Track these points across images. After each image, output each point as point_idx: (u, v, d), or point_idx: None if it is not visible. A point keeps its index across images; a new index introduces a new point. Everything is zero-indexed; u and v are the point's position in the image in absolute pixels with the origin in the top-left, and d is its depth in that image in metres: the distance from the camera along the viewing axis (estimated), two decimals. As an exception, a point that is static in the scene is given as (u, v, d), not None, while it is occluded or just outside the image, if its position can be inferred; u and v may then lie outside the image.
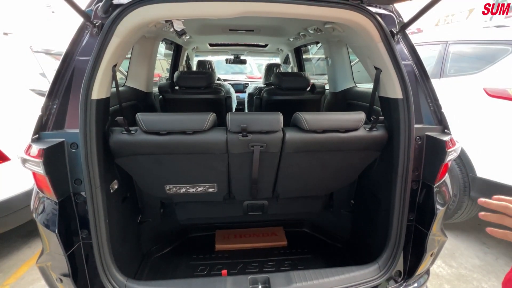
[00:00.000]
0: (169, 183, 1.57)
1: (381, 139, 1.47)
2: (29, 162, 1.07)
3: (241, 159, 1.47)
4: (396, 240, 1.38)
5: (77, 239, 1.19)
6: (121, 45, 1.23)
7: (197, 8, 1.17)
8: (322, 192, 1.92)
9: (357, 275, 1.34)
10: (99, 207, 1.19)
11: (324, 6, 1.22)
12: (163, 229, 1.94)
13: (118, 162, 1.41)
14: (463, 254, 2.51)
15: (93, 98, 1.15)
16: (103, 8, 1.19)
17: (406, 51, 1.42)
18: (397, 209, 1.36)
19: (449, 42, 2.96)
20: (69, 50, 1.21)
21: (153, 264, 1.80)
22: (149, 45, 2.25)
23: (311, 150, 1.47)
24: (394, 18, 1.41)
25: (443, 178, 1.33)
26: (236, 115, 1.38)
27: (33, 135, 1.13)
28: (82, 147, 1.12)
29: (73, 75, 1.20)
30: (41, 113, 1.15)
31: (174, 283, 1.28)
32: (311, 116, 1.39)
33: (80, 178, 1.15)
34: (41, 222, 1.13)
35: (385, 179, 1.48)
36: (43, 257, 1.21)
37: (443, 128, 1.36)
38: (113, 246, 1.28)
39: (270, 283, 1.28)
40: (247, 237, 2.08)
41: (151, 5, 1.14)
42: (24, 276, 2.17)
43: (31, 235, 2.66)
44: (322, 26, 1.95)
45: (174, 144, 1.34)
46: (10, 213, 2.07)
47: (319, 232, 2.15)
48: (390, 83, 1.37)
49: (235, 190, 1.70)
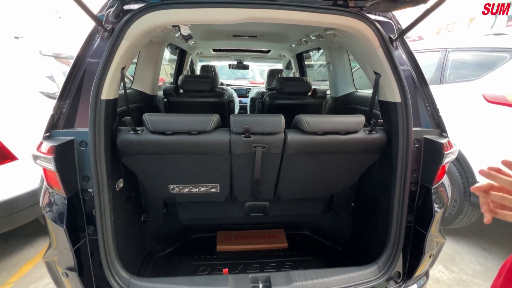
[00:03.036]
0: (173, 182, 1.61)
1: (380, 142, 1.50)
2: (41, 158, 1.12)
3: (243, 159, 1.51)
4: (395, 241, 1.40)
5: (83, 235, 1.23)
6: (130, 49, 1.28)
7: (203, 14, 1.23)
8: (322, 194, 1.94)
9: (357, 275, 1.36)
10: (105, 204, 1.23)
11: (325, 13, 1.28)
12: (165, 229, 1.97)
13: (125, 161, 1.45)
14: (464, 259, 2.51)
15: (102, 98, 1.20)
16: (114, 13, 1.25)
17: (404, 56, 1.46)
18: (396, 210, 1.38)
19: (448, 50, 3.01)
20: (81, 53, 1.27)
21: (155, 263, 1.82)
22: (155, 50, 2.32)
23: (311, 152, 1.51)
24: (393, 25, 1.46)
25: (441, 180, 1.36)
26: (239, 117, 1.43)
27: (45, 133, 1.18)
28: (91, 145, 1.17)
29: (84, 77, 1.26)
30: (53, 112, 1.20)
31: (176, 281, 1.31)
32: (312, 118, 1.43)
33: (88, 175, 1.20)
34: (50, 217, 1.17)
35: (384, 181, 1.51)
36: (50, 251, 1.25)
37: (440, 131, 1.39)
38: (117, 243, 1.31)
39: (270, 282, 1.30)
40: (248, 239, 2.10)
41: (160, 11, 1.20)
42: (27, 275, 2.20)
43: (35, 234, 2.69)
44: (323, 32, 2.01)
45: (179, 144, 1.39)
46: (16, 212, 2.10)
47: (319, 235, 2.17)
48: (389, 88, 1.41)
49: (237, 191, 1.73)
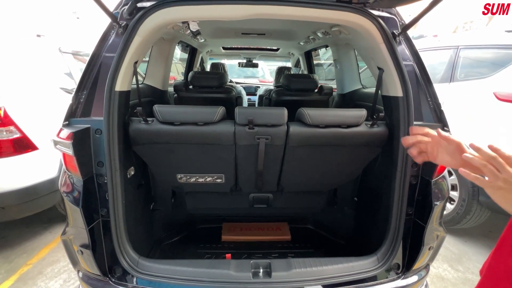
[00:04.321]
0: (181, 172, 1.69)
1: (382, 136, 1.53)
2: (60, 143, 1.22)
3: (247, 151, 1.57)
4: (394, 234, 1.42)
5: (97, 216, 1.32)
6: (142, 44, 1.37)
7: (211, 10, 1.30)
8: (325, 188, 1.98)
9: (355, 265, 1.39)
10: (117, 188, 1.32)
11: (329, 9, 1.32)
12: (173, 218, 2.06)
13: (136, 149, 1.54)
14: (470, 259, 2.48)
15: (116, 89, 1.29)
16: (128, 11, 1.34)
17: (407, 51, 1.48)
18: (396, 203, 1.41)
19: (460, 47, 2.97)
20: (97, 48, 1.37)
21: (163, 249, 1.91)
22: (166, 47, 2.42)
23: (313, 144, 1.55)
24: (397, 20, 1.48)
25: (441, 173, 1.37)
26: (243, 109, 1.49)
27: (64, 121, 1.28)
28: (105, 133, 1.26)
29: (100, 70, 1.35)
30: (72, 102, 1.30)
31: (181, 263, 1.38)
32: (314, 112, 1.48)
33: (102, 160, 1.29)
34: (68, 197, 1.27)
35: (386, 175, 1.53)
36: (67, 230, 1.35)
37: (442, 126, 1.40)
38: (128, 226, 1.40)
39: (271, 268, 1.36)
40: (252, 230, 2.16)
41: (170, 8, 1.28)
42: (45, 258, 2.35)
43: (52, 221, 2.86)
44: (329, 29, 2.04)
45: (186, 134, 1.46)
46: (36, 198, 2.25)
47: (322, 228, 2.20)
48: (392, 82, 1.44)
49: (242, 182, 1.80)
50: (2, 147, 2.09)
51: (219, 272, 1.31)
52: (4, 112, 2.10)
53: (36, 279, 2.12)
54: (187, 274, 1.30)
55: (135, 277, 1.32)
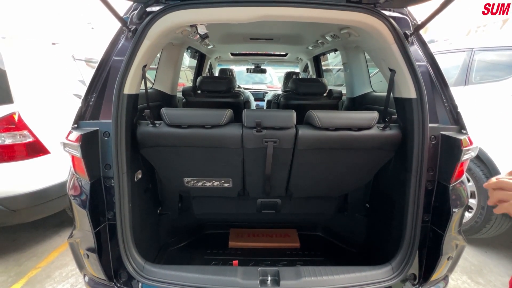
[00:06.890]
0: (188, 175, 1.67)
1: (395, 139, 1.47)
2: (69, 146, 1.22)
3: (255, 154, 1.54)
4: (410, 242, 1.35)
5: (104, 220, 1.31)
6: (151, 48, 1.38)
7: (219, 13, 1.30)
8: (335, 193, 1.92)
9: (369, 275, 1.32)
10: (124, 191, 1.31)
11: (339, 10, 1.29)
12: (180, 223, 2.04)
13: (143, 152, 1.54)
14: (492, 271, 2.33)
15: (125, 92, 1.30)
16: (137, 15, 1.35)
17: (420, 52, 1.43)
18: (411, 209, 1.34)
19: (474, 49, 2.88)
20: (107, 52, 1.38)
21: (169, 255, 1.89)
22: (175, 52, 2.45)
23: (323, 148, 1.51)
24: (409, 20, 1.45)
25: (460, 178, 1.30)
26: (251, 112, 1.47)
27: (73, 124, 1.29)
28: (113, 136, 1.26)
29: (109, 73, 1.36)
30: (81, 105, 1.31)
31: (187, 269, 1.35)
32: (324, 114, 1.44)
33: (109, 163, 1.29)
34: (75, 200, 1.27)
35: (399, 180, 1.47)
36: (74, 233, 1.35)
37: (460, 128, 1.34)
38: (134, 230, 1.39)
39: (279, 276, 1.30)
40: (260, 237, 2.11)
41: (178, 11, 1.29)
42: (54, 261, 2.36)
43: (62, 225, 2.88)
44: (338, 32, 2.01)
45: (193, 137, 1.45)
46: (47, 201, 2.28)
47: (333, 236, 2.13)
48: (404, 84, 1.39)
49: (249, 186, 1.76)
50: (15, 151, 2.14)
51: (225, 279, 1.27)
52: (18, 116, 2.15)
53: (44, 282, 2.12)
54: (193, 281, 1.27)
55: (141, 282, 1.30)
